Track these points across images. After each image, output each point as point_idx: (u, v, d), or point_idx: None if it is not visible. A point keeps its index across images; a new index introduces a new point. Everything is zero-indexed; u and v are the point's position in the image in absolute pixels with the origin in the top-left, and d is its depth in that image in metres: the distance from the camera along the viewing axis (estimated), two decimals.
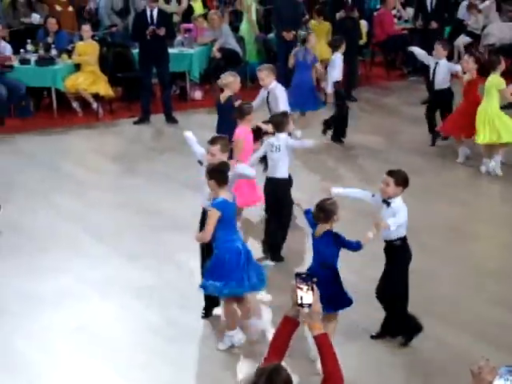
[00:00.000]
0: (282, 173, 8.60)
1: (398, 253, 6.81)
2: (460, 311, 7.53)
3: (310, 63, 12.91)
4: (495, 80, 10.95)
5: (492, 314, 7.42)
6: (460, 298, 7.76)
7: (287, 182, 8.77)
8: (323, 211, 6.55)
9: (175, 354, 6.91)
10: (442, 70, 11.99)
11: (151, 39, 13.66)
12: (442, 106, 12.24)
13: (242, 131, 8.90)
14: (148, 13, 13.84)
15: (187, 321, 7.42)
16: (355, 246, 6.56)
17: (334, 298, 6.49)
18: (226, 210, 6.71)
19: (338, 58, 12.47)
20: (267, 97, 10.42)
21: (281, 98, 10.27)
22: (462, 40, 17.04)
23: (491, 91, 10.95)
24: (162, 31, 13.68)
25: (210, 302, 7.47)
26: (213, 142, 7.35)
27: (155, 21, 13.76)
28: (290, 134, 9.08)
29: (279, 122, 8.58)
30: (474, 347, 6.73)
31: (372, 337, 7.06)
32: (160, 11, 14.05)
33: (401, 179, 6.70)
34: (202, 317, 7.51)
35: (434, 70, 12.09)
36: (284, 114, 8.84)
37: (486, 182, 11.07)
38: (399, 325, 6.97)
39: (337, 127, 12.60)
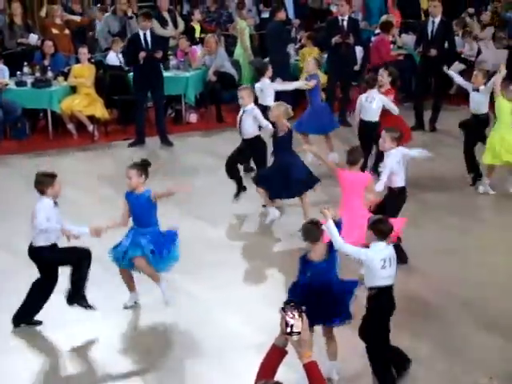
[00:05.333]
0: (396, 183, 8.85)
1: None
2: None
3: (318, 86, 12.87)
4: None
5: None
6: None
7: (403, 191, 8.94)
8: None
9: None
10: (481, 95, 11.62)
11: (146, 62, 13.72)
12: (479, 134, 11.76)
13: None
14: (141, 36, 13.91)
15: None
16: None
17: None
18: None
19: (265, 84, 12.25)
20: (241, 116, 10.67)
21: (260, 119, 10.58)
22: (457, 67, 17.14)
23: None
24: (159, 54, 13.77)
25: None
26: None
27: (150, 44, 13.85)
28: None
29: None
30: None
31: None
32: (153, 34, 14.14)
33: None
34: None
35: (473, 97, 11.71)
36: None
37: None
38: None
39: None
